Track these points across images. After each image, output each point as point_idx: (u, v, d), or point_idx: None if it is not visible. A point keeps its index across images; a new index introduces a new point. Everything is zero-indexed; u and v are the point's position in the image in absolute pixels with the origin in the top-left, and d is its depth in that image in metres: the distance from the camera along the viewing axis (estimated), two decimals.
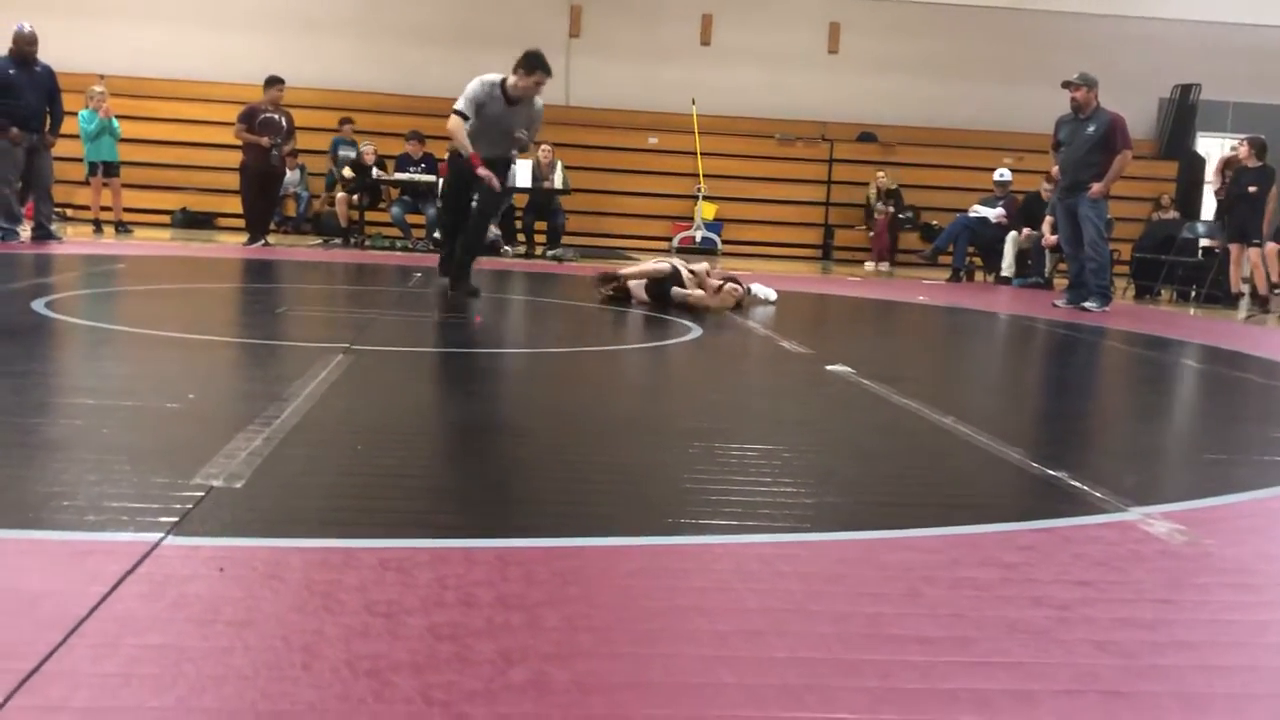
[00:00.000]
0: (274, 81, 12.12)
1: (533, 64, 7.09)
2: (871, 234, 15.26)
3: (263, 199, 12.18)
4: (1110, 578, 2.11)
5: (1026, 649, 1.73)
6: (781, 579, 2.00)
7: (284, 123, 12.03)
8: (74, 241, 11.09)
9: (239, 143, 11.99)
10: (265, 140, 11.77)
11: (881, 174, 15.82)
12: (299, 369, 3.89)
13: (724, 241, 15.47)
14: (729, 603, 1.86)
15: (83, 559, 1.91)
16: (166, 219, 14.77)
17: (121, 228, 12.66)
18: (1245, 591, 2.08)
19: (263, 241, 11.86)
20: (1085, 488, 2.79)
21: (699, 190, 15.67)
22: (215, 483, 2.38)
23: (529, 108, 7.34)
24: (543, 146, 13.50)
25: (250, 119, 11.94)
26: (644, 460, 2.96)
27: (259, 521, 2.17)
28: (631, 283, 7.34)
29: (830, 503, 2.57)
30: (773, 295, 8.05)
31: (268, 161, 11.93)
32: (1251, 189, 10.63)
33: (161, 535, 2.02)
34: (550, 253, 13.10)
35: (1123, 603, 1.98)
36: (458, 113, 7.17)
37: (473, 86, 7.20)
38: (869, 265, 14.81)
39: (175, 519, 2.11)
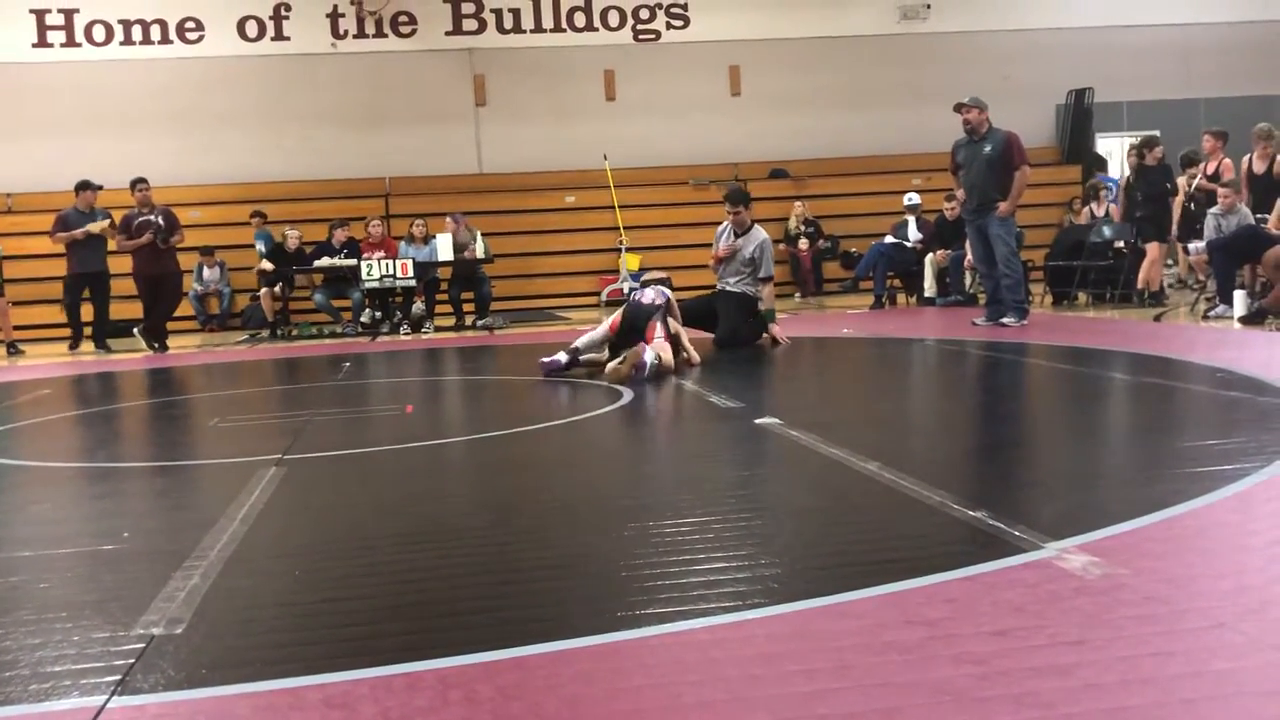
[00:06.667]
0: (137, 183, 11.95)
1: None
2: (804, 268, 15.52)
3: (160, 303, 12.02)
4: (1028, 624, 2.21)
5: (949, 713, 1.82)
6: (716, 666, 2.08)
7: (160, 221, 11.87)
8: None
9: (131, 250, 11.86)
10: (148, 237, 11.67)
11: (799, 204, 16.11)
12: (233, 489, 3.91)
13: None
14: (667, 700, 1.93)
15: None
16: (86, 330, 14.57)
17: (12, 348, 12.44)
18: (1152, 622, 2.19)
19: (158, 348, 11.72)
20: (1004, 526, 2.90)
21: (621, 243, 15.84)
22: (156, 630, 2.41)
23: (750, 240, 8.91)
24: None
25: (126, 227, 11.83)
26: (581, 551, 3.02)
27: (203, 669, 2.20)
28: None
29: (760, 575, 2.65)
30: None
31: (157, 264, 11.80)
32: (1168, 185, 11.14)
33: (106, 698, 2.05)
34: (480, 322, 13.14)
35: (1039, 649, 2.08)
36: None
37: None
38: (797, 298, 15.07)
39: (119, 677, 2.14)
